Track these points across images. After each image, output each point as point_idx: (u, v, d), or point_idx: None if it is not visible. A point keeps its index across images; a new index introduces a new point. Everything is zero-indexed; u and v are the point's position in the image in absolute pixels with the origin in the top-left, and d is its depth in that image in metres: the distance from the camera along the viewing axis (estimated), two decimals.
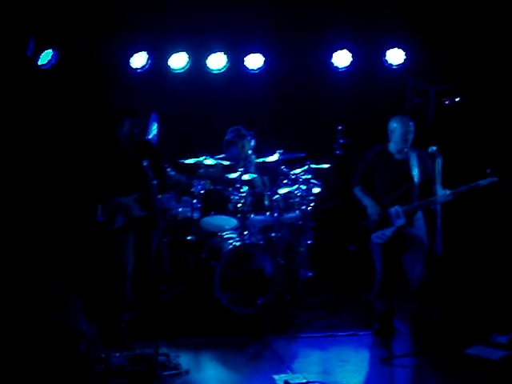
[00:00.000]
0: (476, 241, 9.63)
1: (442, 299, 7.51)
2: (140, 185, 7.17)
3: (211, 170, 8.76)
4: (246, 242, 8.33)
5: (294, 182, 8.84)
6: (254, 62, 9.71)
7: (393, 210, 7.49)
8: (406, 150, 7.51)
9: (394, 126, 7.52)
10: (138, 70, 9.40)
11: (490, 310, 8.34)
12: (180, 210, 8.67)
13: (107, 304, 7.50)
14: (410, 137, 7.47)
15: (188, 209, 8.49)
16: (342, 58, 9.85)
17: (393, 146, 7.57)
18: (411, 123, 7.48)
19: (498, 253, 9.41)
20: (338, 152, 9.26)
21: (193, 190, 8.46)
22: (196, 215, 8.47)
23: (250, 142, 9.00)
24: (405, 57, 9.91)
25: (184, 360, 7.09)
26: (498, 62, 9.68)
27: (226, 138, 8.97)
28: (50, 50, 9.05)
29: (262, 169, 9.06)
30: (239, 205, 8.42)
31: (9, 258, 8.00)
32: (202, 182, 8.46)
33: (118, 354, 7.02)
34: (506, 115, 9.77)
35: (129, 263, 7.43)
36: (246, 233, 8.42)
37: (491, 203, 9.41)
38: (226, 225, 8.55)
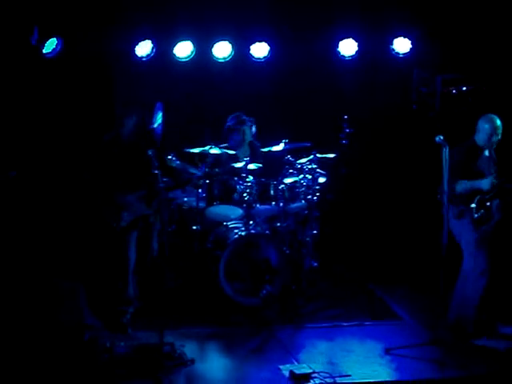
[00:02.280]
0: None
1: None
2: (146, 180, 7.14)
3: (222, 169, 8.72)
4: (252, 231, 8.32)
5: (300, 171, 8.79)
6: (260, 50, 9.65)
7: (495, 203, 7.49)
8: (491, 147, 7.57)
9: (483, 124, 7.54)
10: (143, 59, 9.36)
11: (496, 300, 8.31)
12: (185, 199, 8.65)
13: (110, 298, 7.51)
14: (496, 138, 7.50)
15: (193, 198, 8.45)
16: (348, 47, 9.79)
17: (480, 143, 7.57)
18: (499, 124, 7.50)
19: (504, 242, 9.37)
20: (343, 141, 9.20)
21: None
22: (201, 205, 8.44)
23: (250, 128, 8.97)
24: (411, 46, 9.86)
25: (189, 350, 7.08)
26: (505, 50, 9.63)
27: (227, 125, 8.94)
28: (55, 39, 9.03)
29: (268, 158, 9.03)
30: (245, 194, 8.39)
31: (13, 250, 7.98)
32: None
33: (122, 344, 7.01)
34: None
35: (131, 261, 7.48)
36: (251, 222, 8.39)
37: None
38: (231, 214, 8.52)
